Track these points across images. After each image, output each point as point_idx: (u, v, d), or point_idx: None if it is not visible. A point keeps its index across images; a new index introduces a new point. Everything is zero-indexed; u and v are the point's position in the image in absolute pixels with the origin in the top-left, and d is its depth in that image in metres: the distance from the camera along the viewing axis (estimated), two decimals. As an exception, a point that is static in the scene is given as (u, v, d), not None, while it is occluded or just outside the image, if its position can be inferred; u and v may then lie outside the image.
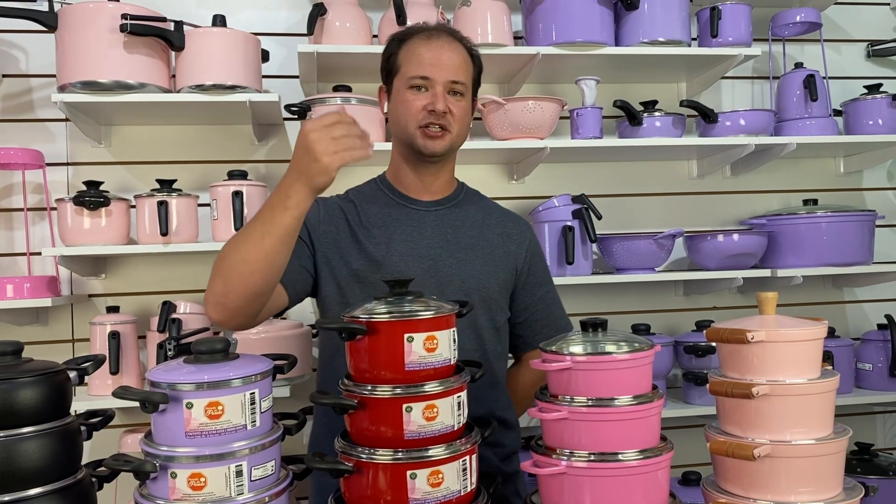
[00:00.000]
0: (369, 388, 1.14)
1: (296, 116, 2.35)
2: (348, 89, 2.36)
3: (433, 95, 1.51)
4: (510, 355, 1.75)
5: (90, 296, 2.45)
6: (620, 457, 1.10)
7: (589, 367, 1.13)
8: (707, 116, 2.51)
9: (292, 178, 1.27)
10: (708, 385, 1.23)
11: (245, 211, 2.23)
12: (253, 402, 1.08)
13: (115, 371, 2.18)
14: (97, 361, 1.21)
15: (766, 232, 2.56)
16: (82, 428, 1.14)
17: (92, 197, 2.15)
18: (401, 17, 2.28)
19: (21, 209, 2.40)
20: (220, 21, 2.24)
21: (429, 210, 1.62)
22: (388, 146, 2.31)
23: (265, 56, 2.37)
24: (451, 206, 1.65)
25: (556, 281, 2.34)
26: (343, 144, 1.24)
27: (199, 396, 1.04)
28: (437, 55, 1.53)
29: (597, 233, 2.40)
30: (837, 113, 2.75)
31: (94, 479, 1.14)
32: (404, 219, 1.60)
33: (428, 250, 1.57)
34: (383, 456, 1.12)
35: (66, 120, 2.40)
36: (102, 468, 1.13)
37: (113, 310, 2.29)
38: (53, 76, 2.26)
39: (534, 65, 2.41)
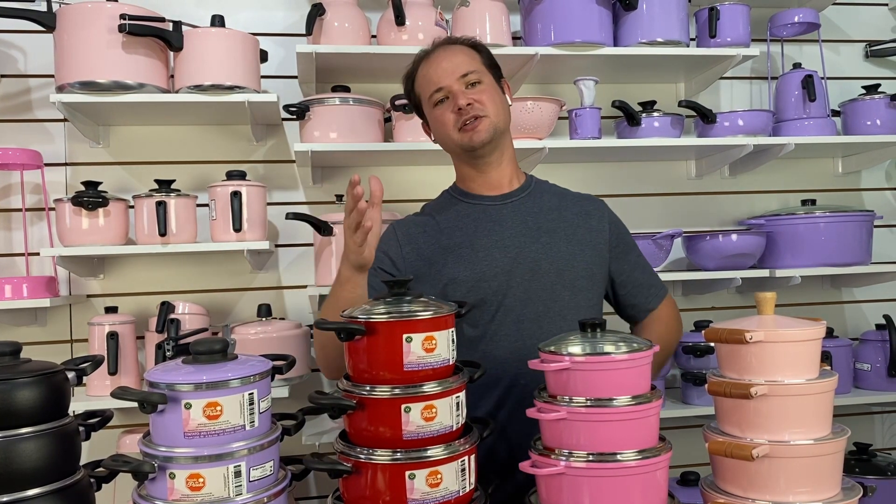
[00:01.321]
0: (368, 388, 1.14)
1: (294, 117, 2.35)
2: (347, 90, 2.36)
3: (454, 98, 1.57)
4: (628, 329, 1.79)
5: (88, 296, 2.45)
6: (619, 457, 1.10)
7: (587, 367, 1.13)
8: (705, 117, 2.51)
9: (342, 259, 1.46)
10: (706, 385, 1.23)
11: (244, 211, 2.23)
12: (251, 403, 1.07)
13: (113, 371, 2.18)
14: (95, 362, 1.21)
15: (765, 232, 2.56)
16: (81, 428, 1.14)
17: (90, 197, 2.15)
18: (399, 17, 2.28)
19: (19, 209, 2.40)
20: (218, 21, 2.24)
21: (504, 203, 1.66)
22: (387, 146, 2.34)
23: (264, 56, 2.37)
24: (524, 195, 1.68)
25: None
26: (361, 236, 1.39)
27: (197, 397, 1.04)
28: (439, 64, 1.61)
29: (595, 233, 2.40)
30: (836, 113, 2.75)
31: (92, 480, 1.13)
32: (482, 216, 1.65)
33: (511, 240, 1.61)
34: (382, 456, 1.12)
35: (65, 120, 2.40)
36: (101, 469, 1.13)
37: (111, 310, 2.28)
38: (52, 76, 2.26)
39: (532, 65, 2.41)
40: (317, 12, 2.30)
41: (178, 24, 2.17)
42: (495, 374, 1.54)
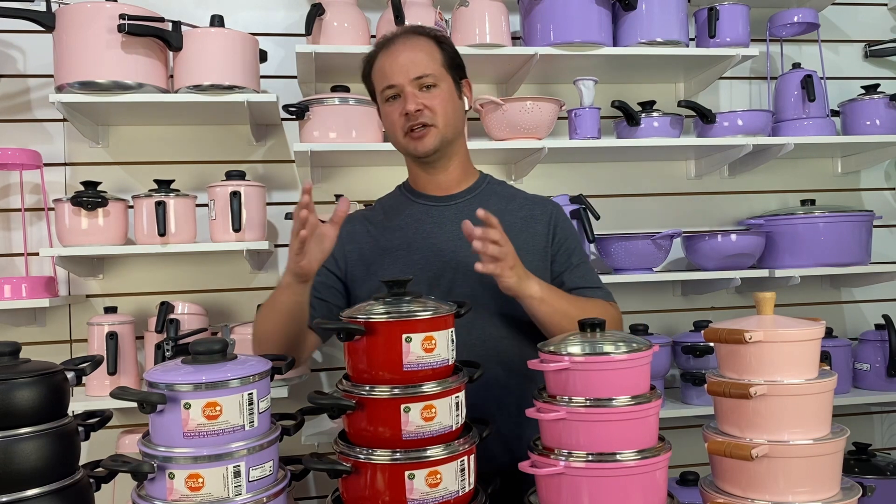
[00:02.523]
0: (367, 388, 1.14)
1: (294, 117, 2.35)
2: (346, 89, 2.36)
3: (404, 99, 1.53)
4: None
5: (88, 296, 2.45)
6: (618, 457, 1.10)
7: (587, 367, 1.13)
8: (705, 117, 2.51)
9: (287, 266, 1.46)
10: (706, 385, 1.23)
11: (243, 211, 2.22)
12: (251, 403, 1.07)
13: (112, 372, 2.17)
14: (95, 362, 1.21)
15: (764, 232, 2.56)
16: (80, 428, 1.14)
17: (90, 197, 2.15)
18: (399, 17, 2.28)
19: (18, 209, 2.39)
20: (217, 21, 2.24)
21: (448, 205, 1.64)
22: (387, 146, 2.33)
23: (263, 56, 2.36)
24: (470, 197, 1.65)
25: (555, 281, 2.36)
26: (297, 244, 1.39)
27: (197, 397, 1.04)
28: (395, 59, 1.55)
29: (595, 233, 2.40)
30: (835, 113, 2.75)
31: (91, 480, 1.13)
32: (424, 216, 1.63)
33: (448, 244, 1.58)
34: (381, 456, 1.12)
35: (64, 120, 2.39)
36: (100, 469, 1.13)
37: (111, 310, 2.28)
38: (51, 76, 2.26)
39: (532, 65, 2.41)
40: (316, 12, 2.30)
41: (177, 24, 2.17)
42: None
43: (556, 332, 1.45)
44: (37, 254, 2.31)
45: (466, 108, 1.65)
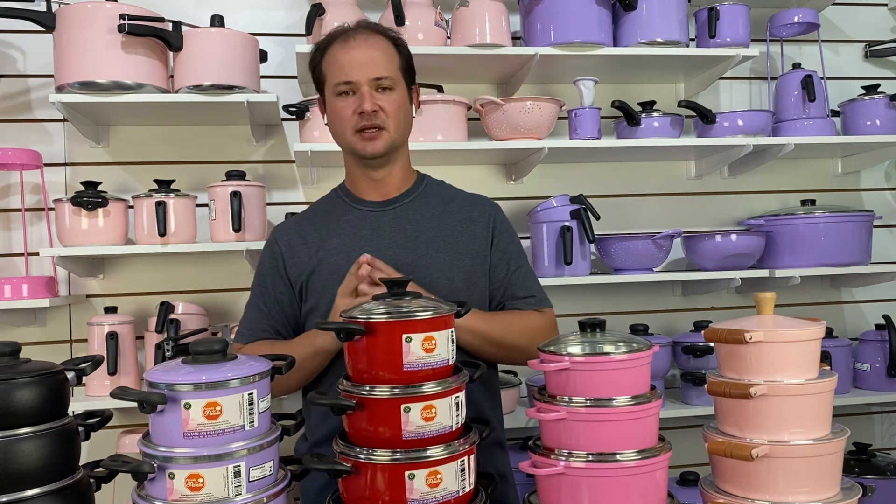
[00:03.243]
0: (367, 388, 1.14)
1: (294, 117, 2.35)
2: (346, 90, 2.35)
3: (360, 98, 1.51)
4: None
5: (88, 296, 2.45)
6: (619, 457, 1.10)
7: (587, 367, 1.13)
8: (705, 117, 2.51)
9: (321, 331, 1.43)
10: (706, 385, 1.23)
11: (243, 211, 2.23)
12: (251, 403, 1.07)
13: (113, 372, 2.18)
14: (95, 362, 1.21)
15: (764, 232, 2.56)
16: (80, 428, 1.14)
17: (90, 197, 2.15)
18: (399, 17, 2.28)
19: (19, 209, 2.39)
20: (218, 21, 2.24)
21: (385, 209, 1.61)
22: (387, 146, 2.34)
23: (263, 56, 2.37)
24: (408, 201, 1.63)
25: (555, 282, 2.36)
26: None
27: (197, 397, 1.04)
28: (355, 56, 1.51)
29: (595, 233, 2.40)
30: (835, 113, 2.75)
31: (91, 480, 1.13)
32: (362, 223, 1.60)
33: (387, 250, 1.55)
34: (381, 456, 1.12)
35: (64, 120, 2.40)
36: (100, 469, 1.13)
37: (111, 310, 2.28)
38: (51, 76, 2.26)
39: (532, 65, 2.41)
40: (316, 12, 2.30)
41: (177, 24, 2.17)
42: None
43: (486, 357, 1.50)
44: (37, 254, 2.32)
45: (414, 114, 1.64)
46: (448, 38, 2.41)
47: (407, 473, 1.10)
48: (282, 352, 1.32)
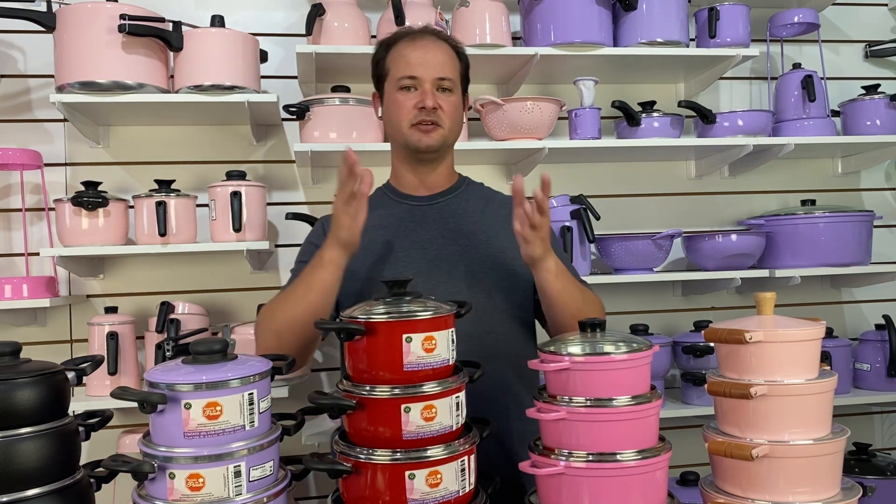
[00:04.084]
0: (367, 388, 1.14)
1: (294, 117, 2.35)
2: (347, 90, 2.36)
3: (422, 93, 1.57)
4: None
5: (88, 296, 2.45)
6: (619, 457, 1.10)
7: (587, 367, 1.13)
8: (705, 117, 2.51)
9: (327, 241, 1.46)
10: (706, 385, 1.23)
11: (243, 211, 2.23)
12: (251, 403, 1.07)
13: (113, 372, 2.18)
14: (95, 362, 1.21)
15: (765, 232, 2.56)
16: (80, 428, 1.14)
17: (90, 197, 2.15)
18: (399, 17, 2.28)
19: (19, 209, 2.40)
20: (218, 21, 2.24)
21: (430, 204, 1.67)
22: (387, 146, 2.33)
23: (263, 56, 2.37)
24: (451, 197, 1.69)
25: (555, 281, 2.36)
26: (354, 206, 1.40)
27: (197, 397, 1.04)
28: (423, 55, 1.59)
29: (595, 233, 2.40)
30: (835, 113, 2.75)
31: (92, 480, 1.13)
32: (406, 216, 1.65)
33: (430, 242, 1.61)
34: (381, 456, 1.12)
35: (65, 120, 2.40)
36: (101, 469, 1.13)
37: (111, 310, 2.28)
38: (51, 76, 2.26)
39: (532, 65, 2.41)
40: (317, 12, 2.30)
41: (177, 25, 2.17)
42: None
43: (558, 312, 1.52)
44: (37, 254, 2.32)
45: (464, 119, 1.71)
46: (448, 38, 2.41)
47: (407, 473, 1.10)
48: (294, 287, 1.48)
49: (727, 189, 2.82)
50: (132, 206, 2.27)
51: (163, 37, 2.15)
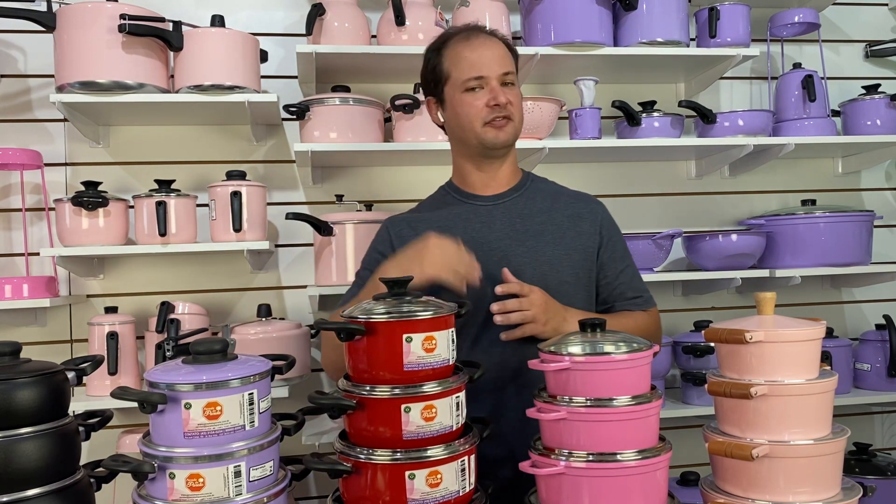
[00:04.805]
0: (368, 388, 1.14)
1: (294, 117, 2.35)
2: (347, 90, 2.36)
3: (491, 91, 1.57)
4: None
5: (88, 296, 2.45)
6: (619, 457, 1.10)
7: (587, 367, 1.13)
8: (705, 117, 2.51)
9: (391, 265, 1.45)
10: (706, 385, 1.23)
11: (243, 211, 2.22)
12: (251, 403, 1.07)
13: (113, 371, 2.18)
14: (95, 362, 1.21)
15: (765, 232, 2.56)
16: (80, 428, 1.14)
17: (90, 197, 2.15)
18: (399, 17, 2.28)
19: (19, 209, 2.39)
20: (218, 21, 2.24)
21: (496, 203, 1.66)
22: (387, 146, 2.34)
23: (264, 56, 2.37)
24: (516, 196, 1.68)
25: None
26: (457, 262, 1.40)
27: (197, 397, 1.04)
28: (483, 53, 1.59)
29: (595, 233, 2.40)
30: (836, 113, 2.75)
31: (92, 480, 1.13)
32: (472, 216, 1.65)
33: (498, 242, 1.60)
34: (382, 456, 1.12)
35: (65, 120, 2.40)
36: (101, 469, 1.13)
37: (111, 310, 2.28)
38: (52, 76, 2.26)
39: (532, 65, 2.41)
40: (317, 12, 2.30)
41: (177, 24, 2.17)
42: (478, 379, 1.53)
43: None
44: (37, 254, 2.32)
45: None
46: (448, 38, 2.41)
47: (407, 473, 1.10)
48: (365, 296, 1.41)
49: (727, 189, 2.82)
50: (132, 206, 2.27)
51: (163, 37, 2.14)
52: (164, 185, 2.23)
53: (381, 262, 1.57)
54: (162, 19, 2.17)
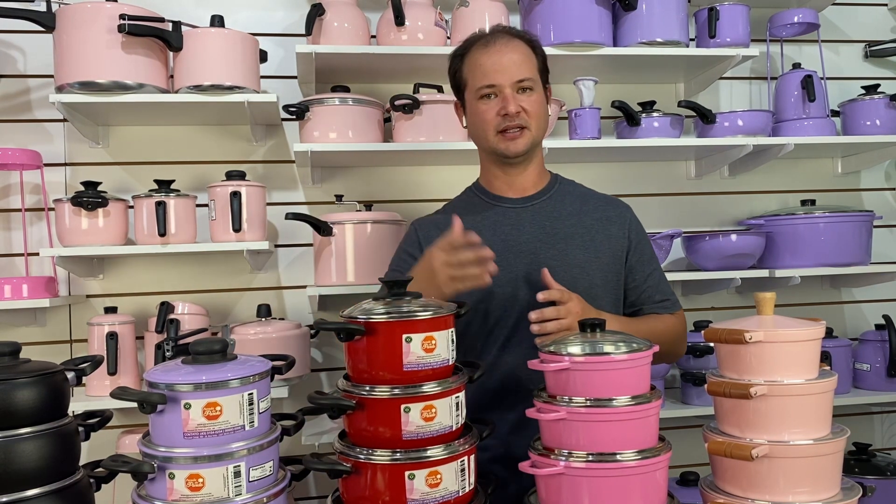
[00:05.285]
0: (367, 388, 1.14)
1: (294, 117, 2.35)
2: (346, 90, 2.36)
3: (503, 100, 1.55)
4: None
5: (88, 296, 2.45)
6: (619, 457, 1.10)
7: (587, 367, 1.13)
8: (705, 117, 2.51)
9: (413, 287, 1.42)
10: (706, 385, 1.23)
11: (243, 211, 2.22)
12: (251, 403, 1.07)
13: (112, 372, 2.17)
14: (95, 362, 1.21)
15: (764, 232, 2.56)
16: (80, 429, 1.14)
17: (90, 197, 2.15)
18: (399, 17, 2.28)
19: (19, 210, 2.39)
20: (218, 21, 2.24)
21: (524, 206, 1.65)
22: (387, 146, 2.34)
23: (263, 56, 2.36)
24: (545, 198, 1.67)
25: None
26: (463, 272, 1.38)
27: (197, 397, 1.04)
28: (497, 60, 1.56)
29: (595, 233, 2.40)
30: (835, 113, 2.75)
31: (91, 480, 1.14)
32: (502, 219, 1.64)
33: (527, 245, 1.60)
34: (381, 456, 1.12)
35: (64, 120, 2.40)
36: (100, 469, 1.13)
37: (111, 310, 2.28)
38: (51, 76, 2.26)
39: (532, 65, 2.41)
40: (316, 12, 2.30)
41: (177, 25, 2.17)
42: (507, 382, 1.53)
43: None
44: (37, 254, 2.31)
45: (549, 113, 1.68)
46: (448, 38, 2.41)
47: (407, 473, 1.10)
48: None
49: (727, 189, 2.82)
50: (132, 206, 2.27)
51: (162, 37, 2.14)
52: (164, 186, 2.23)
53: (411, 264, 1.56)
54: (161, 19, 2.17)
